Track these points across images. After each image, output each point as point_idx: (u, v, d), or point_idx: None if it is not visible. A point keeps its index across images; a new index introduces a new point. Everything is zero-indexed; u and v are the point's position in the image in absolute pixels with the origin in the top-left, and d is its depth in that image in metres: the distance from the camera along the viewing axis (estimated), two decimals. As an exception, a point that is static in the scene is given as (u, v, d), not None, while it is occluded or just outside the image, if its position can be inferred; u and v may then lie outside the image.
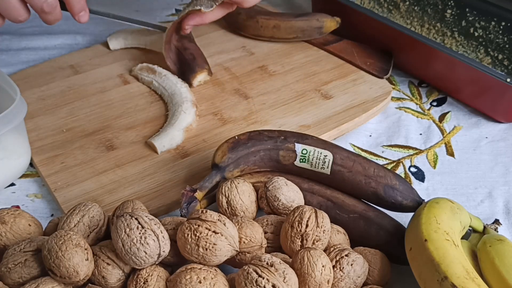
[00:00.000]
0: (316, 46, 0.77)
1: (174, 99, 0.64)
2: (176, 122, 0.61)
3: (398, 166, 0.60)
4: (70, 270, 0.40)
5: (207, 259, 0.42)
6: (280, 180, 0.49)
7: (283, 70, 0.72)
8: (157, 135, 0.60)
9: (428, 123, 0.66)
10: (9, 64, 0.74)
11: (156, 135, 0.60)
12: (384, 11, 0.82)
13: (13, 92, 0.54)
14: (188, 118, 0.62)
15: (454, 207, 0.47)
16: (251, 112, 0.65)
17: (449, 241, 0.43)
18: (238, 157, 0.51)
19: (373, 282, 0.45)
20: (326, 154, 0.51)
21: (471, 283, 0.40)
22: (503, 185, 0.58)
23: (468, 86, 0.66)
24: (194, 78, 0.68)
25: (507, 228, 0.53)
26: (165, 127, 0.62)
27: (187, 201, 0.48)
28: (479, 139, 0.64)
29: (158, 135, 0.60)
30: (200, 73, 0.68)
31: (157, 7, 0.89)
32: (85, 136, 0.62)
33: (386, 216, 0.50)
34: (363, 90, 0.68)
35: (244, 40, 0.78)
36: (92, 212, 0.45)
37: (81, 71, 0.72)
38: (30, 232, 0.46)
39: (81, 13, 0.61)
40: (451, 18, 0.76)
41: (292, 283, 0.40)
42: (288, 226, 0.45)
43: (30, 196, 0.56)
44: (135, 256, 0.41)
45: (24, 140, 0.57)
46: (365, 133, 0.64)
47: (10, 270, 0.42)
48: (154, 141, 0.59)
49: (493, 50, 0.72)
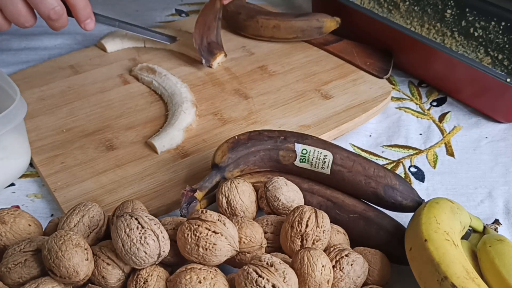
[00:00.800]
0: (316, 46, 0.77)
1: (174, 99, 0.64)
2: (176, 122, 0.61)
3: (398, 166, 0.60)
4: (70, 270, 0.40)
5: (207, 259, 0.42)
6: (280, 180, 0.49)
7: (283, 70, 0.72)
8: (157, 135, 0.60)
9: (428, 123, 0.66)
10: (9, 64, 0.74)
11: (156, 135, 0.60)
12: (384, 11, 0.82)
13: (13, 92, 0.54)
14: (188, 118, 0.62)
15: (454, 207, 0.47)
16: (251, 112, 0.65)
17: (449, 241, 0.43)
18: (238, 157, 0.51)
19: (373, 282, 0.45)
20: (326, 154, 0.51)
21: (471, 283, 0.40)
22: (503, 185, 0.58)
23: (468, 86, 0.66)
24: (214, 59, 0.71)
25: (507, 228, 0.53)
26: (165, 127, 0.62)
27: (187, 201, 0.48)
28: (479, 139, 0.64)
29: (158, 135, 0.60)
30: (219, 55, 0.71)
31: (157, 7, 0.89)
32: (85, 136, 0.62)
33: (386, 216, 0.50)
34: (363, 90, 0.68)
35: (244, 40, 0.78)
36: (92, 212, 0.45)
37: (81, 71, 0.72)
38: (30, 232, 0.46)
39: (87, 21, 0.62)
40: (451, 18, 0.76)
41: (292, 283, 0.40)
42: (288, 226, 0.45)
43: (30, 196, 0.56)
44: (135, 256, 0.41)
45: (24, 140, 0.57)
46: (365, 133, 0.64)
47: (10, 270, 0.42)
48: (154, 141, 0.59)
49: (493, 50, 0.72)
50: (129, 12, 0.87)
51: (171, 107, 0.64)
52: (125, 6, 0.89)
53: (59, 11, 0.58)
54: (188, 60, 0.74)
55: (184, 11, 0.88)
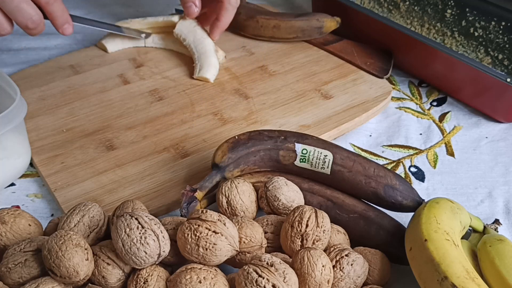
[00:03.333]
0: (316, 46, 0.77)
1: (198, 46, 0.71)
2: (209, 53, 0.70)
3: (398, 166, 0.60)
4: (70, 270, 0.40)
5: (207, 259, 0.42)
6: (280, 180, 0.49)
7: (283, 70, 0.72)
8: (200, 70, 0.69)
9: (428, 123, 0.66)
10: (9, 64, 0.74)
11: (199, 71, 0.69)
12: (384, 11, 0.82)
13: (13, 92, 0.54)
14: (217, 54, 0.71)
15: (454, 207, 0.47)
16: (251, 112, 0.65)
17: (449, 241, 0.43)
18: (238, 157, 0.51)
19: (373, 282, 0.45)
20: (326, 154, 0.51)
21: (471, 283, 0.40)
22: (503, 185, 0.58)
23: (468, 86, 0.66)
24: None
25: (507, 228, 0.53)
26: (200, 62, 0.69)
27: (187, 201, 0.48)
28: (479, 139, 0.64)
29: (201, 69, 0.69)
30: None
31: (157, 7, 0.89)
32: (85, 136, 0.62)
33: (386, 216, 0.50)
34: (363, 90, 0.68)
35: (244, 40, 0.78)
36: (92, 212, 0.45)
37: (81, 71, 0.72)
38: (30, 232, 0.46)
39: (64, 26, 0.62)
40: (451, 18, 0.76)
41: (292, 283, 0.40)
42: (288, 226, 0.45)
43: (30, 196, 0.56)
44: (135, 256, 0.41)
45: (24, 140, 0.57)
46: (365, 133, 0.64)
47: (10, 270, 0.42)
48: (203, 74, 0.68)
49: (493, 50, 0.72)
50: (129, 12, 0.87)
51: (196, 53, 0.71)
52: (125, 6, 0.89)
53: (36, 20, 0.58)
54: (188, 60, 0.74)
55: (184, 11, 0.88)
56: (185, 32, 0.72)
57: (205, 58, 0.70)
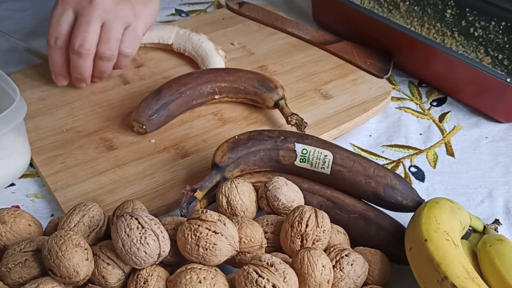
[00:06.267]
0: (316, 46, 0.77)
1: (198, 50, 0.72)
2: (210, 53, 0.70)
3: (398, 166, 0.60)
4: (70, 270, 0.40)
5: (207, 259, 0.42)
6: (280, 180, 0.49)
7: (283, 70, 0.72)
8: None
9: (428, 123, 0.66)
10: (9, 64, 0.74)
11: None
12: (384, 11, 0.82)
13: (13, 92, 0.54)
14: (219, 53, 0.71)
15: (454, 207, 0.47)
16: (251, 112, 0.65)
17: (449, 241, 0.43)
18: (238, 157, 0.51)
19: (373, 282, 0.45)
20: (326, 154, 0.51)
21: (471, 283, 0.40)
22: (503, 185, 0.58)
23: (468, 86, 0.66)
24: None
25: (507, 228, 0.53)
26: (205, 64, 0.70)
27: (187, 201, 0.48)
28: (479, 139, 0.64)
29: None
30: None
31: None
32: (85, 136, 0.62)
33: (386, 216, 0.50)
34: (363, 90, 0.68)
35: (244, 40, 0.78)
36: (92, 212, 0.45)
37: (81, 71, 0.72)
38: (30, 232, 0.46)
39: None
40: (451, 18, 0.76)
41: (292, 283, 0.40)
42: (288, 226, 0.45)
43: (30, 196, 0.56)
44: (135, 256, 0.41)
45: (24, 140, 0.57)
46: (365, 133, 0.64)
47: (10, 270, 0.42)
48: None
49: (493, 50, 0.72)
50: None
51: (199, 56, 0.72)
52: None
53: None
54: (188, 60, 0.74)
55: (184, 11, 0.88)
56: (183, 44, 0.73)
57: (207, 58, 0.70)
